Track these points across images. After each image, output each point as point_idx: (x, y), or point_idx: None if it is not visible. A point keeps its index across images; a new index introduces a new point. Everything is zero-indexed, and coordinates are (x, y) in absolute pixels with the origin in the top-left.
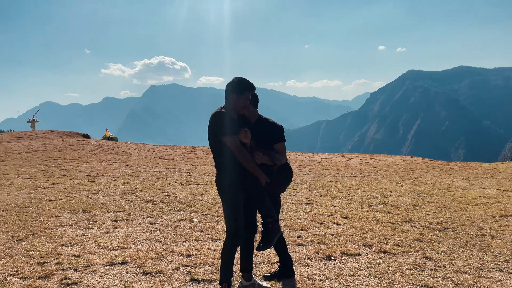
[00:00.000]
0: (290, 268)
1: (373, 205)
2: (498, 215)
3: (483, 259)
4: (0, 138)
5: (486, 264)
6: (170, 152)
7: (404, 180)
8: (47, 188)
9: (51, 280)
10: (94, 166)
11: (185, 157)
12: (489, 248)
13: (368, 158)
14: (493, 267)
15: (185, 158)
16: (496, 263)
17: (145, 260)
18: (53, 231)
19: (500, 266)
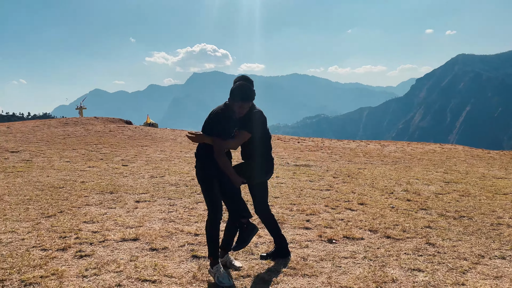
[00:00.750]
0: (285, 248)
1: (394, 192)
2: None
3: (488, 247)
4: (49, 124)
5: (490, 252)
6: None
7: (436, 168)
8: (83, 171)
9: (67, 252)
10: (130, 151)
11: None
12: (499, 236)
13: (406, 145)
14: (496, 254)
15: None
16: (501, 251)
17: (155, 238)
18: (79, 209)
19: (504, 254)
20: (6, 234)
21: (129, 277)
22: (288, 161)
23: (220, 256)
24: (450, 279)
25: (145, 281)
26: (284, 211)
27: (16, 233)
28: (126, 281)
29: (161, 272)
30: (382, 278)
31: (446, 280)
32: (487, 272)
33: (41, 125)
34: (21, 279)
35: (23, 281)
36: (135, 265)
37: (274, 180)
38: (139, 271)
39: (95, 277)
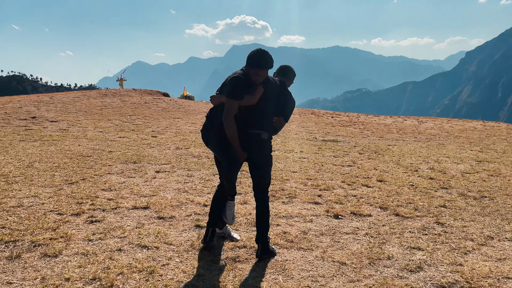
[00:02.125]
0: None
1: (419, 170)
2: None
3: (500, 229)
4: (89, 95)
5: (501, 234)
6: None
7: (472, 147)
8: (113, 141)
9: (80, 217)
10: (162, 123)
11: None
12: None
13: (445, 122)
14: (506, 237)
15: None
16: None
17: (165, 207)
18: (101, 177)
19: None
20: (29, 198)
21: (131, 242)
22: (316, 136)
23: (219, 227)
24: (448, 259)
25: (144, 247)
26: (298, 185)
27: (38, 198)
28: (127, 247)
29: (161, 240)
30: (378, 254)
31: (444, 260)
32: (490, 254)
33: (81, 96)
34: (32, 240)
35: (33, 242)
36: (139, 232)
37: (297, 155)
38: (141, 237)
39: (100, 241)
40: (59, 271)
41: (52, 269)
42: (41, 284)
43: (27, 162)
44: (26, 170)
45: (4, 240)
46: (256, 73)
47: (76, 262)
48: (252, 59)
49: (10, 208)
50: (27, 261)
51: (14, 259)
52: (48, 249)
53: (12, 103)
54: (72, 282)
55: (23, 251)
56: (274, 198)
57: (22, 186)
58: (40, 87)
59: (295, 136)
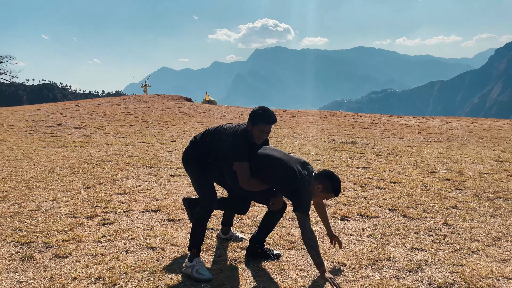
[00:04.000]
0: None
1: (436, 171)
2: None
3: (510, 230)
4: (113, 102)
5: (509, 234)
6: None
7: (495, 147)
8: (133, 146)
9: (93, 220)
10: (182, 127)
11: None
12: None
13: (470, 122)
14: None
15: None
16: None
17: (174, 210)
18: (117, 182)
19: None
20: (47, 202)
21: (138, 244)
22: (334, 138)
23: (224, 233)
24: (450, 260)
25: (150, 249)
26: None
27: (55, 202)
28: (134, 248)
29: (167, 241)
30: (379, 255)
31: (445, 261)
32: (495, 255)
33: (105, 103)
34: (45, 241)
35: (46, 243)
36: (147, 234)
37: (312, 157)
38: (149, 239)
39: (109, 243)
40: (67, 270)
41: (61, 269)
42: (49, 283)
43: (49, 167)
44: (47, 175)
45: (20, 242)
46: (262, 129)
47: (84, 262)
48: (257, 115)
49: (28, 211)
50: (39, 261)
51: (26, 260)
52: (60, 250)
53: (40, 111)
54: (78, 281)
55: (36, 252)
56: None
57: (42, 191)
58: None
59: (312, 139)
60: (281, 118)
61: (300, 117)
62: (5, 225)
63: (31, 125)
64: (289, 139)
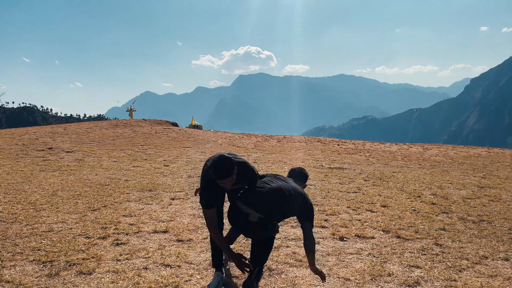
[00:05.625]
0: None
1: (422, 196)
2: None
3: (495, 249)
4: (101, 126)
5: (495, 254)
6: (245, 140)
7: (475, 173)
8: (128, 170)
9: (106, 240)
10: (172, 152)
11: (258, 145)
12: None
13: (450, 149)
14: (500, 256)
15: (257, 146)
16: (506, 253)
17: (182, 231)
18: (120, 204)
19: (509, 256)
20: (58, 224)
21: (155, 262)
22: (322, 164)
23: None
24: (443, 276)
25: (168, 266)
26: None
27: (65, 223)
28: (152, 265)
29: (182, 259)
30: (379, 272)
31: (440, 276)
32: (483, 271)
33: (93, 127)
34: (66, 260)
35: (68, 261)
36: (162, 253)
37: None
38: (164, 258)
39: (127, 261)
40: (94, 285)
41: (89, 284)
42: None
43: (51, 191)
44: (51, 198)
45: (42, 261)
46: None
47: (108, 278)
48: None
49: (42, 232)
50: (65, 278)
51: (53, 276)
52: (82, 268)
53: (29, 135)
54: None
55: (60, 270)
56: (283, 222)
57: (50, 213)
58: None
59: (302, 164)
60: (268, 144)
61: (286, 142)
62: (23, 245)
63: (22, 148)
64: (279, 164)
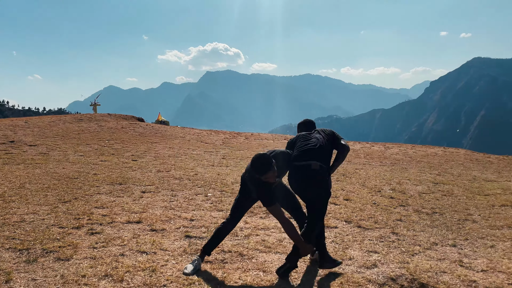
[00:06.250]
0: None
1: (382, 191)
2: (499, 204)
3: (444, 237)
4: (64, 120)
5: (444, 241)
6: (214, 136)
7: (431, 171)
8: (96, 164)
9: (81, 230)
10: (140, 147)
11: (226, 142)
12: (459, 229)
13: (409, 148)
14: (448, 243)
15: (225, 143)
16: (454, 241)
17: (155, 221)
18: (91, 197)
19: (456, 243)
20: (29, 215)
21: (131, 249)
22: None
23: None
24: (398, 259)
25: (144, 253)
26: None
27: (37, 214)
28: (128, 252)
29: (157, 247)
30: (341, 256)
31: (394, 260)
32: (433, 255)
33: (57, 121)
34: (43, 248)
35: (44, 249)
36: (137, 241)
37: None
38: (140, 245)
39: (103, 248)
40: (74, 270)
41: (68, 269)
42: (61, 279)
43: (18, 183)
44: (19, 190)
45: (18, 248)
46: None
47: (87, 264)
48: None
49: (14, 223)
50: (44, 263)
51: (32, 262)
52: (60, 255)
53: None
54: (87, 278)
55: (38, 256)
56: (253, 213)
57: (20, 205)
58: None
59: None
60: (236, 140)
61: (254, 139)
62: None
63: None
64: (247, 160)
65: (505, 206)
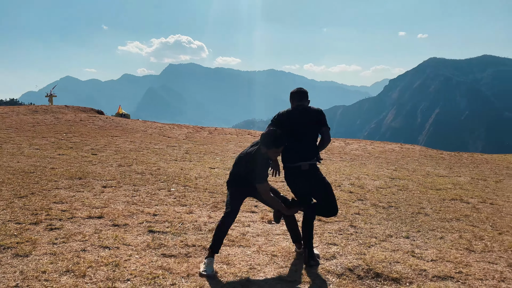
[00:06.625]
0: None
1: (342, 185)
2: (449, 199)
3: (398, 229)
4: (17, 111)
5: (398, 233)
6: (176, 131)
7: (389, 166)
8: (53, 158)
9: (39, 226)
10: (100, 141)
11: (189, 136)
12: (412, 222)
13: (368, 144)
14: (402, 235)
15: (189, 137)
16: (408, 233)
17: (118, 216)
18: (49, 192)
19: (409, 234)
20: None
21: (93, 244)
22: None
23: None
24: (355, 251)
25: (106, 248)
26: None
27: None
28: (90, 247)
29: (120, 242)
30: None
31: (352, 251)
32: (388, 247)
33: (9, 112)
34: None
35: (1, 245)
36: (99, 236)
37: None
38: (102, 240)
39: (64, 244)
40: (34, 266)
41: (27, 265)
42: (21, 275)
43: None
44: None
45: None
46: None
47: (47, 259)
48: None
49: None
50: (1, 260)
51: None
52: (18, 251)
53: None
54: (48, 274)
55: None
56: (216, 208)
57: None
58: None
59: (233, 155)
60: (199, 135)
61: (217, 134)
62: None
63: None
64: (210, 155)
65: (454, 200)
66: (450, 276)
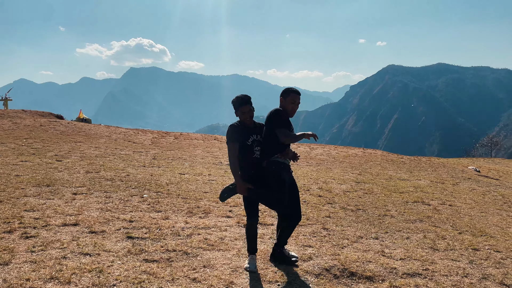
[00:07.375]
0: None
1: (310, 189)
2: (412, 201)
3: (368, 231)
4: None
5: (368, 234)
6: (141, 136)
7: (353, 170)
8: (16, 164)
9: (13, 234)
10: (63, 147)
11: (155, 141)
12: (380, 224)
13: (332, 149)
14: (372, 236)
15: (155, 143)
16: (377, 234)
17: (94, 223)
18: (18, 200)
19: (378, 236)
20: None
21: (73, 251)
22: (221, 161)
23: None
24: (330, 252)
25: (87, 255)
26: (211, 203)
27: None
28: (70, 255)
29: (100, 248)
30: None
31: (327, 252)
32: (359, 247)
33: None
34: None
35: None
36: (77, 243)
37: (206, 178)
38: (81, 247)
39: (43, 252)
40: (16, 274)
41: (9, 273)
42: (5, 284)
43: None
44: None
45: None
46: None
47: (28, 267)
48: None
49: None
50: None
51: None
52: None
53: None
54: (32, 282)
55: None
56: (192, 214)
57: None
58: None
59: (201, 161)
60: (165, 140)
61: (184, 139)
62: None
63: None
64: (179, 160)
65: (416, 202)
66: (418, 273)
